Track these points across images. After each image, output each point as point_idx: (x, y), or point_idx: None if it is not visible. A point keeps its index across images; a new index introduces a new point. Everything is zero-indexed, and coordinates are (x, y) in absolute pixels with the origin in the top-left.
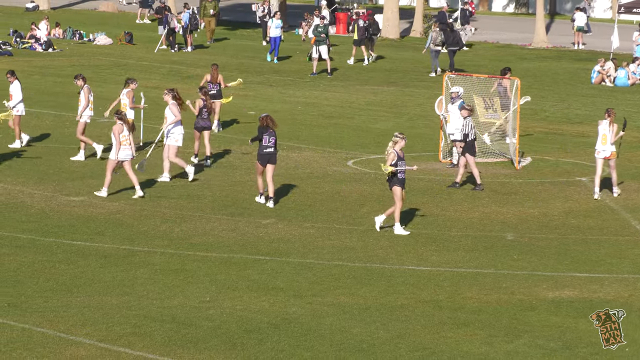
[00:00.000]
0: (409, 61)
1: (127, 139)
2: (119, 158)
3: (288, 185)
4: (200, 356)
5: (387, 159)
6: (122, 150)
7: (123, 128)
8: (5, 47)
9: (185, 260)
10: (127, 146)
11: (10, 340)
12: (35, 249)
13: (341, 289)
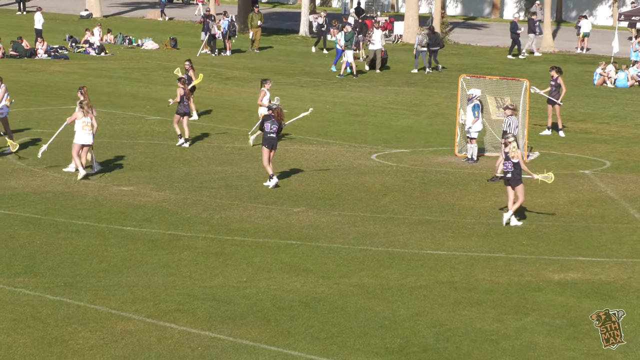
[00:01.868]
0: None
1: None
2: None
3: (317, 176)
4: (238, 331)
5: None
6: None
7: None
8: (61, 51)
9: (224, 245)
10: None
11: (67, 316)
12: (89, 233)
13: (365, 271)
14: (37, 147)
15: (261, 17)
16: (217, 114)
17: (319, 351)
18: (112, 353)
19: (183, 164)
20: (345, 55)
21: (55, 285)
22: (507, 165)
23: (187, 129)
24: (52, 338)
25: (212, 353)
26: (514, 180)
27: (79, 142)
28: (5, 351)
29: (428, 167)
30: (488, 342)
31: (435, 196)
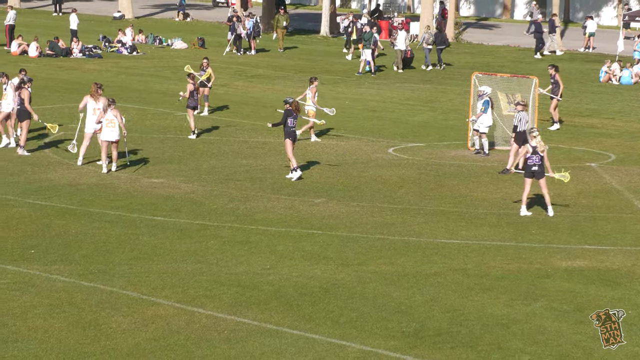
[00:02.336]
0: (442, 62)
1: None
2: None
3: (337, 169)
4: (262, 315)
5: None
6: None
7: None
8: (95, 50)
9: (249, 234)
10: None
11: (100, 301)
12: (121, 223)
13: (382, 259)
14: (71, 142)
15: (287, 18)
16: (242, 110)
17: (339, 335)
18: (143, 336)
19: (210, 157)
20: (363, 54)
21: (89, 272)
22: (534, 159)
23: (193, 122)
24: (87, 322)
25: (237, 336)
26: (539, 173)
27: (104, 138)
28: (42, 334)
29: (442, 161)
30: (499, 326)
31: (449, 188)
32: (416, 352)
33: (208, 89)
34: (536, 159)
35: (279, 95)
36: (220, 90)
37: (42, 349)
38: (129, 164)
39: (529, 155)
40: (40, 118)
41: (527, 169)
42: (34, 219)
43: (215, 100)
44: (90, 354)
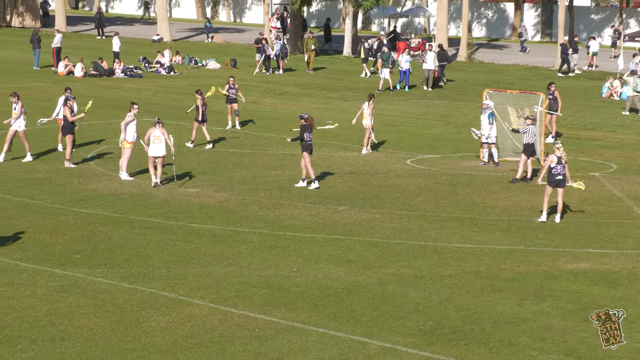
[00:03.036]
0: (456, 80)
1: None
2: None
3: (358, 179)
4: (289, 315)
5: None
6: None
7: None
8: (136, 70)
9: (278, 239)
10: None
11: (141, 302)
12: (160, 229)
13: (401, 262)
14: (114, 156)
15: (315, 41)
16: (271, 124)
17: (361, 332)
18: (180, 334)
19: (242, 168)
20: (382, 73)
21: (130, 275)
22: (558, 169)
23: (208, 134)
24: (128, 321)
25: (267, 334)
26: (562, 182)
27: (151, 154)
28: (87, 333)
29: (456, 171)
30: (509, 324)
31: (462, 196)
32: (432, 348)
33: (237, 104)
34: (560, 169)
35: (305, 111)
36: (251, 106)
37: (87, 346)
38: (175, 178)
39: (553, 165)
40: (83, 121)
41: (551, 178)
42: (79, 226)
43: (247, 116)
44: (131, 350)
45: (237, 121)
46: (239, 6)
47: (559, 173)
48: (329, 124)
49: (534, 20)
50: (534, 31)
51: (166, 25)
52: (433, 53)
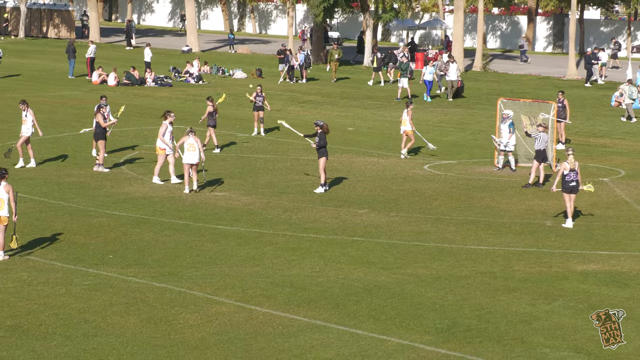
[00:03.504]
0: (471, 89)
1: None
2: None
3: (378, 184)
4: (312, 313)
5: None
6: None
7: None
8: (166, 80)
9: (300, 241)
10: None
11: (170, 300)
12: (188, 231)
13: (418, 263)
14: (145, 161)
15: (339, 52)
16: None
17: (380, 330)
18: (207, 331)
19: (266, 173)
20: (400, 82)
21: (160, 274)
22: (572, 175)
23: (216, 138)
24: (158, 318)
25: (290, 331)
26: (576, 188)
27: (185, 161)
28: (118, 329)
29: (471, 176)
30: (522, 323)
31: (477, 200)
32: (448, 345)
33: (263, 112)
34: (574, 175)
35: (326, 118)
36: (276, 114)
37: (119, 342)
38: (205, 183)
39: (566, 172)
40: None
41: (565, 184)
42: (112, 227)
43: (271, 123)
44: (161, 346)
45: (262, 128)
46: (264, 18)
47: (572, 180)
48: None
49: (545, 32)
50: (545, 43)
51: (195, 37)
52: (455, 65)
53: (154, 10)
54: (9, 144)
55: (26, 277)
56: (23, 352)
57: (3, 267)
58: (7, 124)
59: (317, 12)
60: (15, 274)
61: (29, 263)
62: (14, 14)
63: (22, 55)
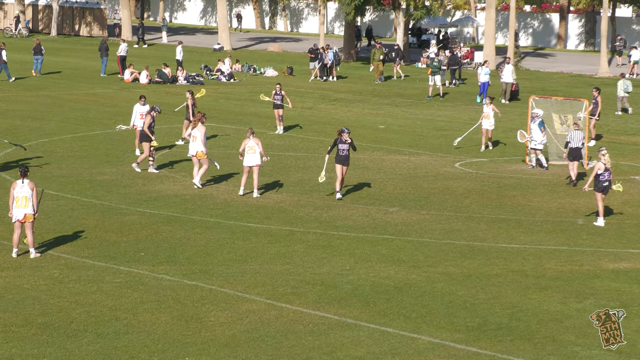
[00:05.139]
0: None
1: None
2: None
3: (409, 181)
4: (342, 311)
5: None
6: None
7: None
8: (198, 78)
9: (331, 239)
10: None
11: (202, 297)
12: (220, 229)
13: (449, 261)
14: (176, 158)
15: (382, 52)
16: (325, 129)
17: (411, 328)
18: (238, 328)
19: (297, 171)
20: (433, 80)
21: (191, 272)
22: (605, 175)
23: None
24: (189, 316)
25: (320, 329)
26: (608, 188)
27: (245, 163)
28: (150, 327)
29: (503, 174)
30: (553, 321)
31: (509, 198)
32: (479, 344)
33: (282, 110)
34: (607, 175)
35: (357, 116)
36: (306, 112)
37: (150, 339)
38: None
39: (600, 172)
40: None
41: (599, 184)
42: (143, 225)
43: (302, 121)
44: (192, 344)
45: (281, 126)
46: (295, 16)
47: (606, 180)
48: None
49: (577, 30)
50: (577, 40)
51: (226, 35)
52: (511, 66)
53: (185, 9)
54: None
55: (58, 274)
56: (54, 350)
57: (35, 265)
58: (39, 121)
59: (348, 10)
60: (47, 271)
61: (60, 261)
62: (46, 11)
63: (55, 53)
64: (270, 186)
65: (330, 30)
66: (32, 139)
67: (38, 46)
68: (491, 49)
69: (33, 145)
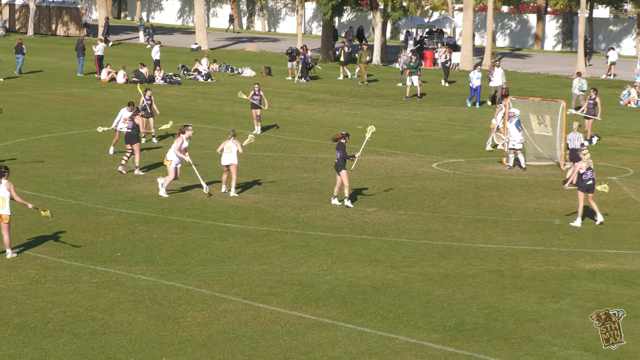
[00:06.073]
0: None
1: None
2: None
3: (386, 182)
4: (319, 311)
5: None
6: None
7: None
8: (175, 78)
9: (308, 239)
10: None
11: (179, 298)
12: (197, 229)
13: (427, 262)
14: (154, 158)
15: (369, 54)
16: (303, 129)
17: (388, 328)
18: (215, 329)
19: (274, 171)
20: (411, 81)
21: (168, 272)
22: (588, 174)
23: (146, 129)
24: (166, 316)
25: (297, 329)
26: (592, 187)
27: (222, 163)
28: (126, 327)
29: (480, 174)
30: (530, 321)
31: (486, 198)
32: (456, 344)
33: (260, 110)
34: (590, 174)
35: (335, 116)
36: (284, 112)
37: (126, 339)
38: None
39: (583, 171)
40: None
41: (582, 183)
42: (120, 225)
43: (279, 121)
44: (168, 344)
45: (259, 126)
46: (273, 16)
47: (589, 178)
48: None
49: (555, 30)
50: (554, 41)
51: (204, 35)
52: (500, 70)
53: (163, 8)
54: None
55: (34, 274)
56: (30, 350)
57: (11, 265)
58: (16, 121)
59: (325, 10)
60: (24, 271)
61: (37, 261)
62: (23, 11)
63: (32, 53)
64: (247, 186)
65: (308, 30)
66: (9, 138)
67: (19, 45)
68: (468, 50)
69: (9, 145)
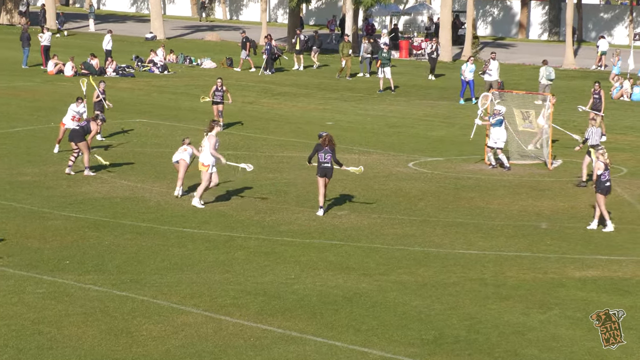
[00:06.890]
0: (460, 80)
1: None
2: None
3: (359, 182)
4: (287, 323)
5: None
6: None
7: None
8: (128, 69)
9: (274, 245)
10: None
11: (132, 310)
12: (152, 235)
13: (403, 269)
14: (105, 158)
15: (351, 46)
16: (268, 125)
17: (361, 342)
18: (173, 343)
19: (238, 171)
20: (383, 72)
21: (121, 282)
22: (607, 175)
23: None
24: (119, 330)
25: (263, 343)
26: (610, 187)
27: (173, 159)
28: (76, 342)
29: (460, 174)
30: (515, 334)
31: (466, 200)
32: (435, 358)
33: (222, 106)
34: (607, 175)
35: (303, 112)
36: (248, 107)
37: (76, 355)
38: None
39: (601, 172)
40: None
41: (601, 185)
42: (69, 230)
43: (243, 117)
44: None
45: (221, 122)
46: (235, 3)
47: (607, 179)
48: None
49: (541, 18)
50: (540, 29)
51: (160, 23)
52: (497, 63)
53: None
54: None
55: None
56: None
57: None
58: None
59: None
60: None
61: None
62: None
63: None
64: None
65: (273, 18)
66: None
67: None
68: (447, 39)
69: None
